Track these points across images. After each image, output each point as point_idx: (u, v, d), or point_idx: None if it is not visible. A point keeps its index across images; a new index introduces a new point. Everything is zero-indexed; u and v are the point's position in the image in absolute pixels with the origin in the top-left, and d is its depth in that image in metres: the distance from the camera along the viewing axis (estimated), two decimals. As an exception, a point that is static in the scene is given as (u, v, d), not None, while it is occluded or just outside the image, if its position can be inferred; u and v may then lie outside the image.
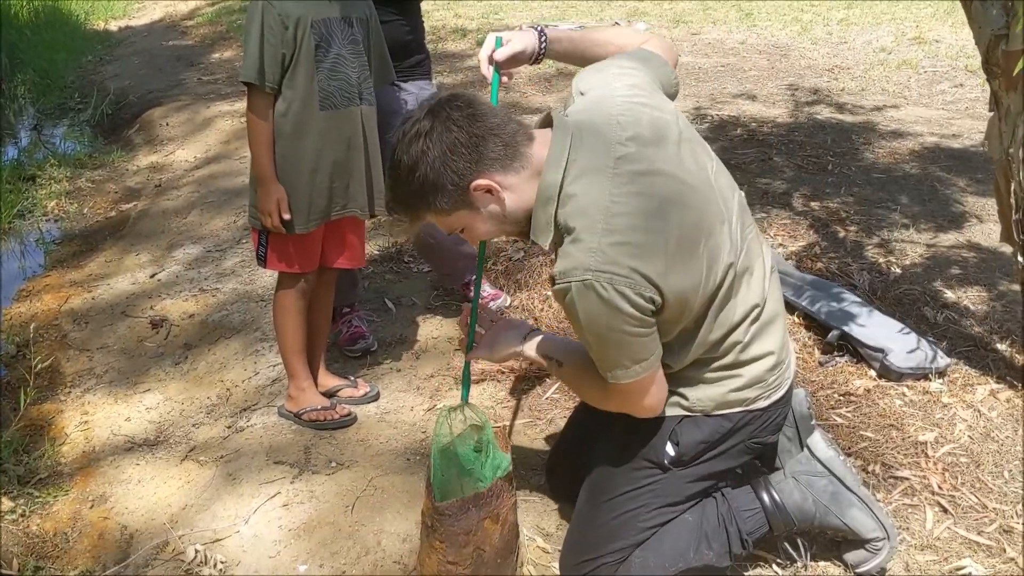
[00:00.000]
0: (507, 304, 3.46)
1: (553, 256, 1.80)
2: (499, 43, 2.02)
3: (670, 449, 1.95)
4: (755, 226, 1.99)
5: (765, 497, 2.06)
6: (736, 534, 2.03)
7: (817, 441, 2.12)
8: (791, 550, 2.13)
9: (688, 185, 1.78)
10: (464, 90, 1.79)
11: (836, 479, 2.06)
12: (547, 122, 1.84)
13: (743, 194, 1.97)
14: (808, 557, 2.14)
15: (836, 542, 2.14)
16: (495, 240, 3.95)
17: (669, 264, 1.69)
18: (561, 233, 1.73)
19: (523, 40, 2.03)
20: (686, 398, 1.94)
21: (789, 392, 2.04)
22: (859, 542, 2.07)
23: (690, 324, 1.82)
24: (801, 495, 2.04)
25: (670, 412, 1.95)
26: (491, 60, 2.01)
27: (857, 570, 2.09)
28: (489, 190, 1.74)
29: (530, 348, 2.04)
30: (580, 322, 1.71)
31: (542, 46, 2.06)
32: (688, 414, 1.95)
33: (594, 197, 1.69)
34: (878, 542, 2.04)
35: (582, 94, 1.92)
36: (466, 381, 2.13)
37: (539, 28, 2.06)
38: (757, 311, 1.90)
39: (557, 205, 1.73)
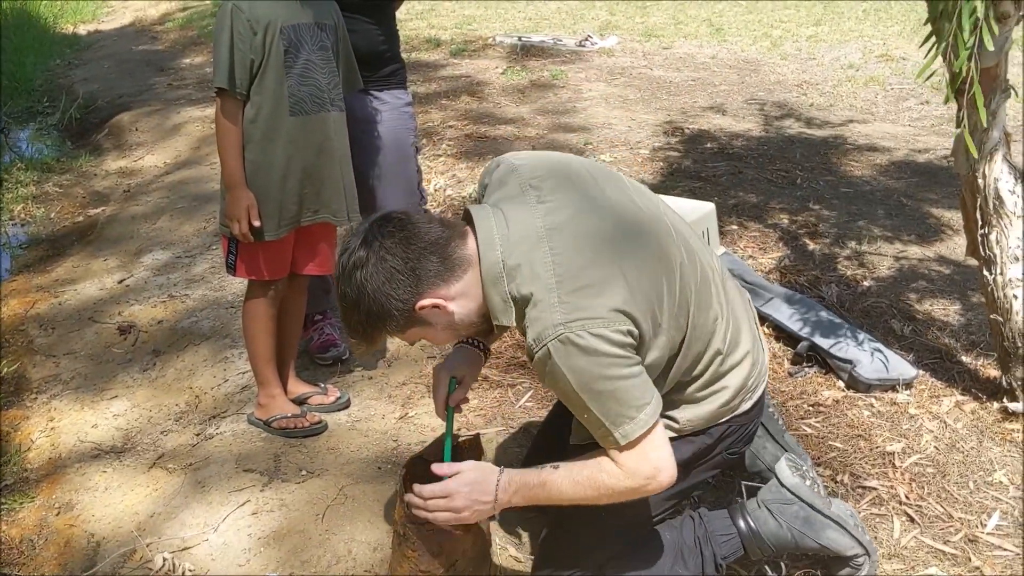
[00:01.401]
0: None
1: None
2: (453, 385, 2.06)
3: None
4: (695, 233, 2.02)
5: (741, 524, 2.07)
6: (711, 557, 2.04)
7: (782, 468, 2.14)
8: (771, 572, 2.14)
9: (617, 211, 1.81)
10: (394, 211, 1.81)
11: (806, 504, 2.08)
12: (468, 216, 1.84)
13: (674, 210, 2.01)
14: (785, 570, 2.15)
15: (821, 559, 2.15)
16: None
17: (631, 289, 1.70)
18: (521, 306, 1.72)
19: (472, 370, 2.12)
20: (676, 421, 1.94)
21: (764, 393, 2.07)
22: (842, 559, 2.09)
23: (675, 346, 1.82)
24: (775, 523, 2.06)
25: None
26: (447, 402, 2.06)
27: None
28: (436, 306, 1.75)
29: (505, 497, 1.83)
30: (570, 384, 1.67)
31: (483, 351, 2.15)
32: (676, 436, 1.96)
33: (537, 259, 1.70)
34: (859, 558, 2.06)
35: (487, 185, 1.96)
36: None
37: (473, 342, 2.13)
38: (726, 316, 1.92)
39: (506, 281, 1.73)
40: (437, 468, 1.91)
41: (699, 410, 1.94)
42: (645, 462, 1.72)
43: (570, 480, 1.79)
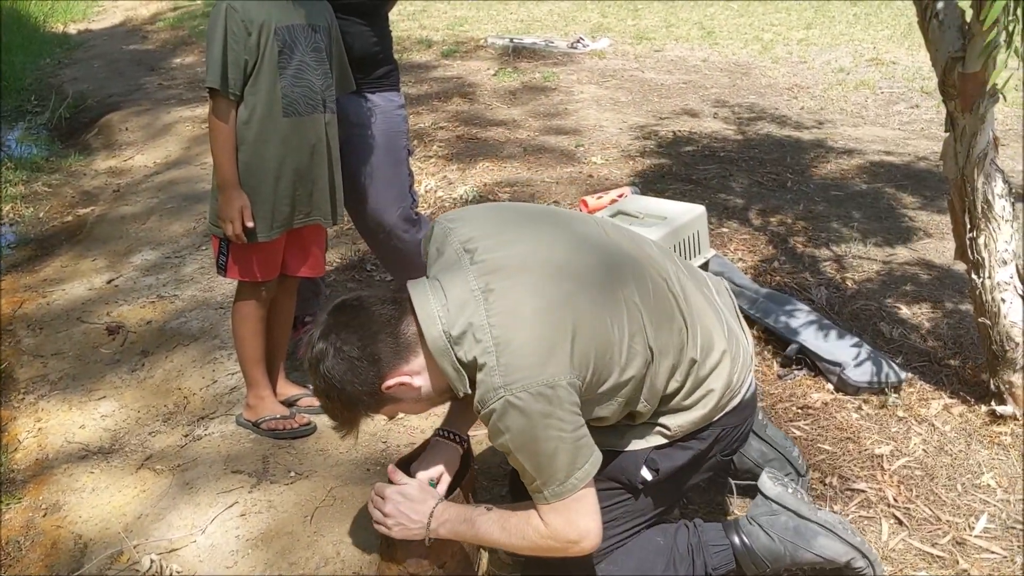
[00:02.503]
0: None
1: None
2: (433, 485, 2.08)
3: (647, 474, 1.96)
4: (642, 242, 2.03)
5: (735, 539, 2.07)
6: (702, 566, 2.04)
7: (764, 481, 2.14)
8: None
9: (551, 257, 1.81)
10: (348, 297, 1.86)
11: (793, 513, 2.09)
12: (404, 289, 1.86)
13: (610, 222, 2.04)
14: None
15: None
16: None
17: (572, 339, 1.70)
18: (471, 370, 1.74)
19: (448, 467, 2.13)
20: (668, 428, 1.95)
21: (755, 393, 2.07)
22: (847, 572, 2.09)
23: (640, 368, 1.83)
24: (767, 537, 2.06)
25: (650, 442, 1.97)
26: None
27: None
28: (401, 384, 1.79)
29: (435, 525, 1.92)
30: (509, 443, 1.71)
31: (460, 443, 2.17)
32: (668, 442, 1.96)
33: (476, 323, 1.72)
34: (857, 563, 2.05)
35: (428, 256, 1.97)
36: None
37: (450, 436, 2.16)
38: (692, 323, 1.92)
39: (454, 351, 1.74)
40: (391, 471, 1.99)
41: (690, 416, 1.94)
42: (570, 526, 1.76)
43: (499, 526, 1.85)
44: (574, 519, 1.75)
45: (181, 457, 2.74)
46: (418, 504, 1.93)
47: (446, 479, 2.12)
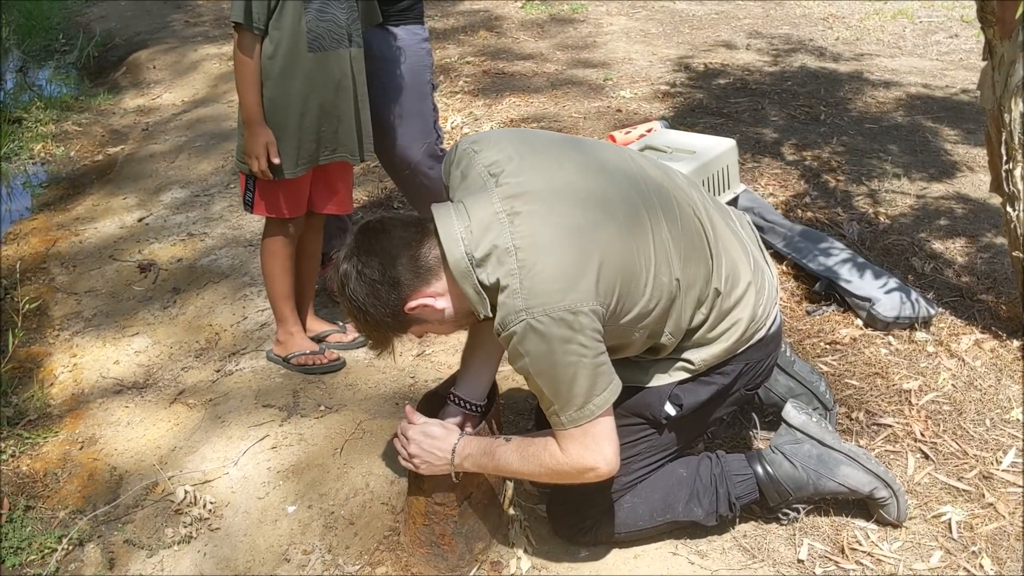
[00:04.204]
0: None
1: None
2: None
3: (670, 409, 1.96)
4: (673, 173, 2.00)
5: (758, 468, 2.08)
6: (725, 496, 2.06)
7: (788, 410, 2.15)
8: (791, 514, 2.15)
9: (581, 184, 1.80)
10: (372, 219, 1.85)
11: (816, 441, 2.09)
12: (430, 211, 1.85)
13: (641, 154, 2.00)
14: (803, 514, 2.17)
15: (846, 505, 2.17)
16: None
17: (597, 266, 1.70)
18: (492, 293, 1.74)
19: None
20: (692, 362, 1.95)
21: (780, 328, 2.07)
22: (870, 503, 2.10)
23: (663, 301, 1.82)
24: (790, 465, 2.07)
25: (673, 377, 1.97)
26: None
27: (885, 524, 2.13)
28: (424, 305, 1.80)
29: (458, 460, 1.93)
30: (528, 367, 1.72)
31: (477, 411, 2.15)
32: (691, 376, 1.96)
33: (501, 246, 1.71)
34: (880, 493, 2.06)
35: (451, 178, 1.95)
36: None
37: (466, 406, 2.14)
38: (718, 255, 1.91)
39: (476, 273, 1.74)
40: (408, 411, 2.02)
41: (713, 349, 1.94)
42: (586, 452, 1.77)
43: (518, 455, 1.86)
44: (591, 445, 1.76)
45: (213, 392, 2.78)
46: (440, 441, 1.94)
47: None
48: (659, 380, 1.97)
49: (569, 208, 1.75)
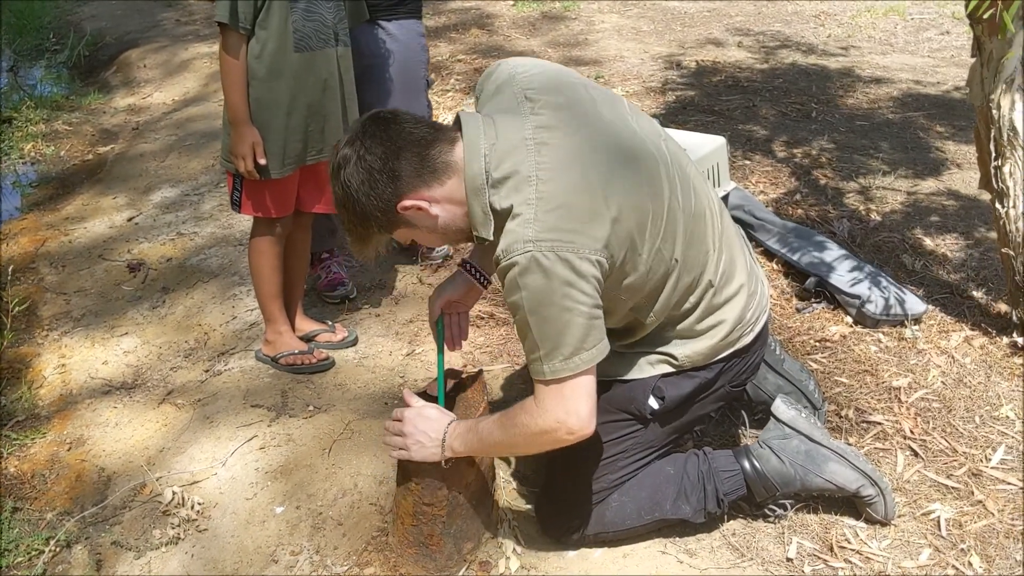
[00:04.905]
0: (450, 253, 3.45)
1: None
2: (441, 324, 2.12)
3: (653, 403, 1.96)
4: (694, 165, 1.98)
5: (746, 464, 2.07)
6: (713, 492, 2.05)
7: (778, 405, 2.14)
8: (779, 509, 2.14)
9: (610, 135, 1.77)
10: (384, 110, 1.78)
11: (805, 437, 2.08)
12: (459, 122, 1.80)
13: (670, 134, 1.96)
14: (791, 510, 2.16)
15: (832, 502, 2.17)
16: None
17: (612, 216, 1.67)
18: (501, 218, 1.70)
19: (466, 299, 2.16)
20: (675, 357, 1.94)
21: (766, 327, 2.06)
22: (857, 501, 2.10)
23: (658, 277, 1.81)
24: (778, 460, 2.06)
25: (656, 371, 1.96)
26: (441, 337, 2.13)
27: (874, 522, 2.12)
28: (418, 208, 1.73)
29: (449, 442, 1.89)
30: (522, 302, 1.66)
31: (482, 282, 2.12)
32: (674, 371, 1.95)
33: (523, 173, 1.67)
34: (867, 490, 2.06)
35: (483, 91, 1.91)
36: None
37: (473, 272, 2.12)
38: (717, 249, 1.90)
39: (489, 193, 1.70)
40: (407, 395, 1.98)
41: (697, 345, 1.93)
42: (560, 405, 1.71)
43: (498, 424, 1.81)
44: (568, 400, 1.70)
45: (202, 392, 2.77)
46: (435, 423, 1.90)
47: (463, 308, 2.16)
48: (643, 372, 1.96)
49: (598, 155, 1.72)
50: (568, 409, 1.71)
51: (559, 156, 1.69)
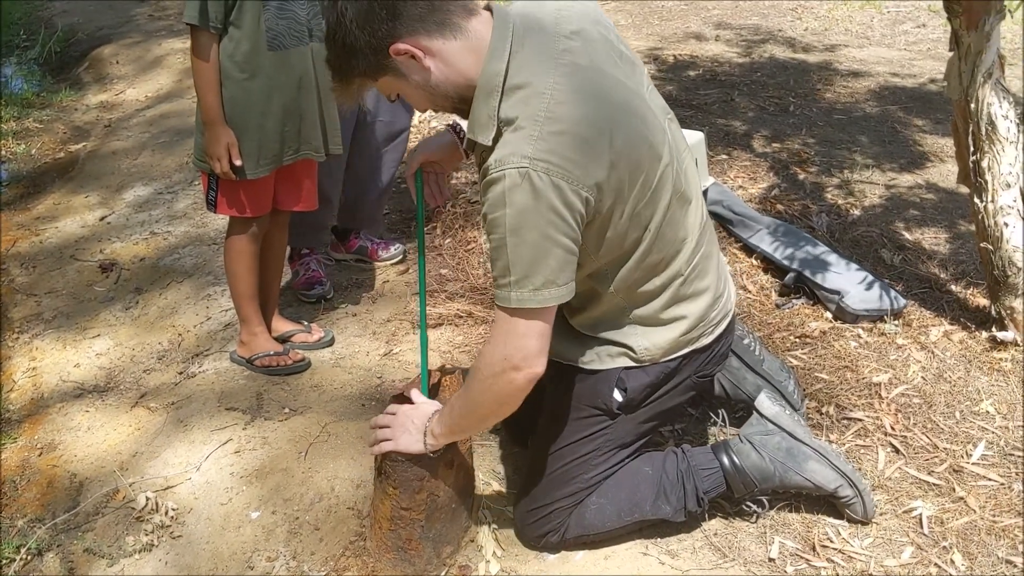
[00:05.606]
0: (401, 256, 3.42)
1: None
2: (420, 178, 2.05)
3: (617, 395, 1.93)
4: (691, 153, 1.95)
5: (724, 459, 2.05)
6: (693, 491, 2.03)
7: (762, 400, 2.13)
8: (755, 507, 2.13)
9: (631, 91, 1.74)
10: None
11: (787, 434, 2.07)
12: (489, 7, 1.72)
13: (675, 118, 1.93)
14: (770, 507, 2.15)
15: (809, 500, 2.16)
16: (455, 180, 3.90)
17: (611, 157, 1.63)
18: (501, 127, 1.64)
19: (449, 158, 2.07)
20: (633, 350, 1.91)
21: (731, 324, 2.05)
22: (835, 501, 2.09)
23: (628, 243, 1.77)
24: (758, 455, 2.04)
25: (616, 363, 1.94)
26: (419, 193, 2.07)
27: (855, 521, 2.11)
28: (412, 56, 1.62)
29: (430, 427, 1.88)
30: (504, 219, 1.58)
31: (461, 136, 2.02)
32: (635, 365, 1.93)
33: (538, 87, 1.61)
34: (845, 491, 2.05)
35: None
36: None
37: (459, 133, 2.02)
38: (695, 241, 1.88)
39: (501, 98, 1.63)
40: (412, 392, 1.98)
41: (656, 337, 1.91)
42: (511, 341, 1.67)
43: (464, 387, 1.80)
44: (521, 335, 1.66)
45: (175, 395, 2.73)
46: (419, 409, 1.91)
47: (445, 168, 2.11)
48: (604, 364, 1.94)
49: (614, 100, 1.67)
50: (517, 345, 1.67)
51: (578, 84, 1.63)
